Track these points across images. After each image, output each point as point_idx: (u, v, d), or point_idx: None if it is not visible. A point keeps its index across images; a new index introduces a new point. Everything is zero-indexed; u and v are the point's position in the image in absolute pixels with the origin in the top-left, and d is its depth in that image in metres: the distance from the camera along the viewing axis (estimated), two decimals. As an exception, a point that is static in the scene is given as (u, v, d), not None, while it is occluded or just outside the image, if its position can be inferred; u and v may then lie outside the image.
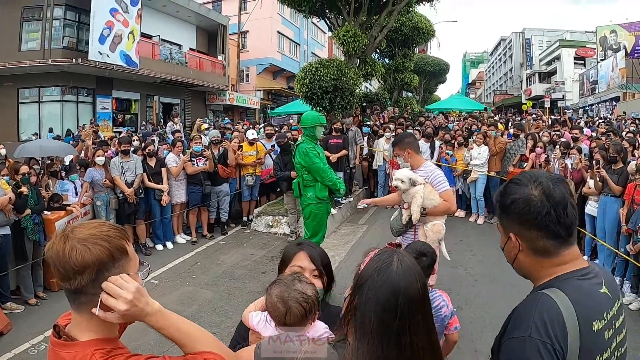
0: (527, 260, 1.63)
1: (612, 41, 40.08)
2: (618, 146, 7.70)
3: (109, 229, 1.51)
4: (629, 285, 6.68)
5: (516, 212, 1.58)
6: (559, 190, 1.55)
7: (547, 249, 1.57)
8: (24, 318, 6.29)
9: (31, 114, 22.29)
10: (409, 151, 4.87)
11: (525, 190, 1.57)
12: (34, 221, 6.75)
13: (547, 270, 1.60)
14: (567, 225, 1.55)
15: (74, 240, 1.43)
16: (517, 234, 1.60)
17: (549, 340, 1.41)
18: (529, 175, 1.62)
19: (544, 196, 1.53)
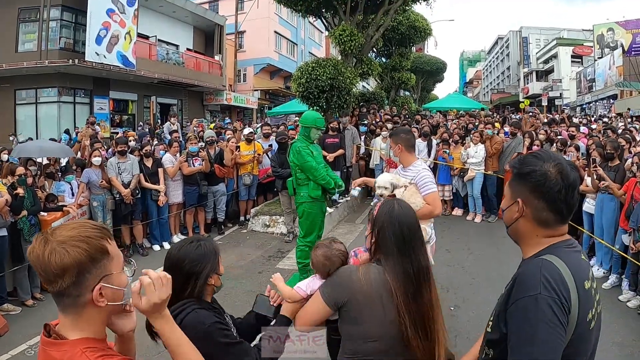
0: (525, 226, 1.81)
1: (609, 39, 40.14)
2: (614, 143, 7.72)
3: (88, 230, 1.51)
4: (627, 283, 6.68)
5: (532, 181, 1.74)
6: (574, 175, 1.72)
7: (547, 221, 1.75)
8: (20, 319, 6.27)
9: (28, 115, 22.25)
10: (400, 146, 4.81)
11: (544, 165, 1.72)
12: (31, 222, 6.74)
13: (540, 239, 1.79)
14: (570, 206, 1.74)
15: (53, 243, 1.43)
16: (525, 200, 1.77)
17: (556, 295, 1.59)
18: (549, 154, 1.80)
19: (559, 175, 1.70)
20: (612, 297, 6.70)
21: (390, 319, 2.29)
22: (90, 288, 1.47)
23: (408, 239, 2.37)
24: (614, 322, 5.93)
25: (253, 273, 7.69)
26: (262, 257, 8.56)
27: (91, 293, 1.47)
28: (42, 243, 1.44)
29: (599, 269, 7.50)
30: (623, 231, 6.88)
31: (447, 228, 10.20)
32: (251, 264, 8.18)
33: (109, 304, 1.53)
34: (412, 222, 2.44)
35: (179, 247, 2.39)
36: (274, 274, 2.74)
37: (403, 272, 2.32)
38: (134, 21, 22.53)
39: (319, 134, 6.39)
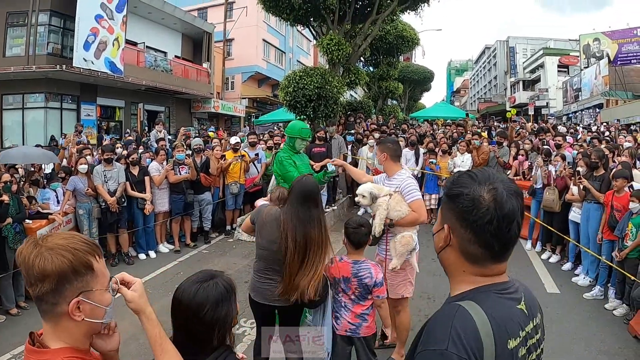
0: (452, 258, 1.55)
1: (595, 49, 40.57)
2: (600, 152, 7.81)
3: (78, 242, 1.52)
4: (614, 291, 6.75)
5: (459, 206, 1.47)
6: (511, 204, 1.43)
7: (474, 256, 1.48)
8: (5, 329, 6.22)
9: (15, 120, 22.05)
10: (385, 155, 4.79)
11: (477, 189, 1.45)
12: (15, 230, 6.67)
13: (468, 277, 1.52)
14: (504, 242, 1.45)
15: (42, 248, 1.46)
16: (452, 228, 1.51)
17: (465, 355, 1.33)
18: (489, 174, 1.50)
19: (493, 203, 1.41)
20: (598, 306, 6.76)
21: (273, 239, 3.82)
22: (68, 299, 1.47)
23: (304, 198, 3.77)
24: (601, 330, 6.00)
25: (240, 282, 7.57)
26: (249, 267, 8.42)
27: (68, 305, 1.47)
28: (31, 246, 1.47)
29: (585, 277, 7.58)
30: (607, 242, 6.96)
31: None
32: (238, 274, 8.12)
33: (87, 320, 1.52)
34: (309, 189, 3.81)
35: (194, 291, 2.09)
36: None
37: (296, 216, 3.73)
38: (123, 27, 22.44)
39: (305, 144, 6.38)
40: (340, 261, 4.05)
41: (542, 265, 8.58)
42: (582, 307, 6.79)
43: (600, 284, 7.13)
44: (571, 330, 6.00)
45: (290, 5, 13.20)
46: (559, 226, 8.52)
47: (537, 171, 9.23)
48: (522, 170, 10.25)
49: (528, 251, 9.43)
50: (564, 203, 8.40)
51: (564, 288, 7.48)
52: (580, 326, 6.13)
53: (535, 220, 9.32)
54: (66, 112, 22.87)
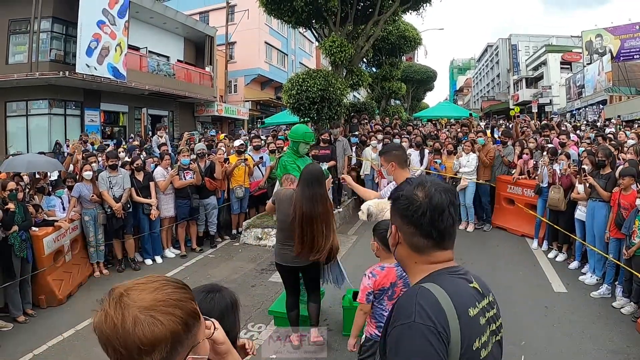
0: (403, 253, 1.77)
1: (597, 45, 40.45)
2: (606, 151, 7.77)
3: (175, 290, 1.23)
4: (621, 289, 6.72)
5: (400, 206, 1.72)
6: (439, 197, 1.66)
7: (419, 246, 1.69)
8: (12, 336, 6.20)
9: (19, 127, 22.12)
10: (393, 164, 4.47)
11: (411, 189, 1.70)
12: (22, 238, 6.65)
13: (420, 266, 1.73)
14: (439, 230, 1.66)
15: (134, 308, 1.15)
16: (399, 227, 1.74)
17: (431, 323, 1.48)
18: (421, 180, 1.77)
19: (425, 198, 1.66)
20: (606, 304, 6.74)
21: (288, 213, 4.86)
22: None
23: (309, 178, 4.79)
24: (609, 329, 5.98)
25: (246, 287, 7.63)
26: (255, 271, 8.51)
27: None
28: (118, 308, 1.16)
29: (592, 276, 7.55)
30: (614, 240, 6.94)
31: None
32: (244, 278, 8.13)
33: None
34: (314, 173, 4.89)
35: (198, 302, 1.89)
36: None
37: (303, 194, 4.73)
38: (125, 33, 22.50)
39: (308, 147, 6.40)
40: (383, 270, 3.96)
41: (548, 264, 8.54)
42: (589, 305, 6.76)
43: (607, 282, 7.11)
44: (579, 329, 5.98)
45: (292, 7, 13.20)
46: (565, 225, 8.50)
47: (543, 170, 9.21)
48: (527, 169, 10.22)
49: (534, 250, 9.40)
50: (569, 202, 8.38)
51: (571, 287, 7.46)
52: (588, 325, 6.10)
53: (542, 219, 9.29)
54: (70, 118, 22.95)
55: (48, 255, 7.20)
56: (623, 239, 6.65)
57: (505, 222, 10.74)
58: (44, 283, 7.12)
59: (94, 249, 8.37)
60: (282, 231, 5.06)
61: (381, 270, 3.96)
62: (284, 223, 4.97)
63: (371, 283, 3.90)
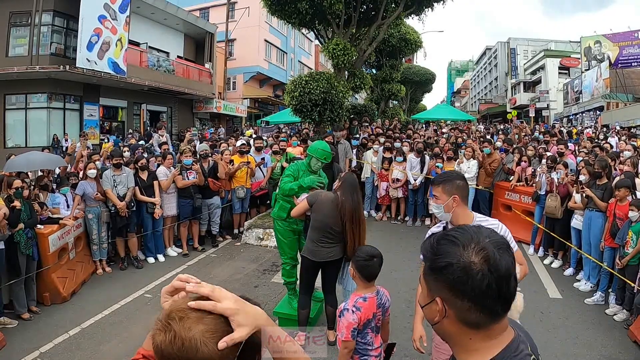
0: (452, 329, 1.38)
1: (596, 51, 40.62)
2: (603, 162, 7.89)
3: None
4: (614, 297, 6.86)
5: (450, 278, 1.32)
6: (505, 262, 1.31)
7: (478, 323, 1.33)
8: (18, 333, 6.24)
9: (17, 120, 22.19)
10: (456, 197, 3.38)
11: (464, 255, 1.31)
12: (27, 235, 6.71)
13: (477, 344, 1.38)
14: (506, 300, 1.33)
15: (197, 332, 1.19)
16: (446, 301, 1.35)
17: None
18: (470, 236, 1.36)
19: (486, 265, 1.29)
20: (599, 311, 6.87)
21: (329, 215, 5.12)
22: None
23: (353, 188, 5.09)
24: (602, 335, 6.11)
25: (249, 287, 7.72)
26: (257, 271, 8.58)
27: None
28: (183, 329, 1.19)
29: (587, 283, 7.67)
30: (609, 249, 7.07)
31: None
32: (247, 278, 8.19)
33: None
34: (355, 183, 5.27)
35: None
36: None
37: (353, 200, 5.01)
38: (126, 28, 22.56)
39: (319, 165, 6.43)
40: (366, 301, 3.65)
41: (544, 270, 8.66)
42: (583, 312, 6.88)
43: (601, 289, 7.23)
44: (573, 335, 6.10)
45: (296, 9, 13.25)
46: (561, 232, 8.62)
47: (542, 177, 9.33)
48: (525, 176, 10.33)
49: (530, 256, 9.49)
50: (566, 210, 8.51)
51: (565, 293, 7.57)
52: (582, 331, 6.23)
53: (538, 226, 9.42)
54: (69, 112, 23.06)
55: (53, 253, 7.25)
56: (617, 248, 6.78)
57: (502, 228, 10.85)
58: (49, 280, 7.17)
59: (97, 247, 8.43)
60: (318, 230, 5.27)
61: (364, 302, 3.64)
62: (322, 223, 5.20)
63: (356, 318, 3.56)
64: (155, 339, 1.22)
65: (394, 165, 11.73)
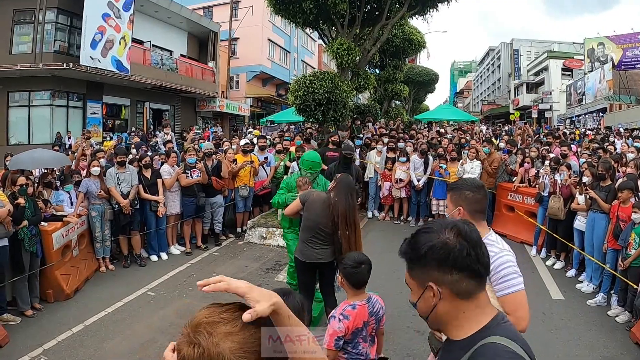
0: (447, 308, 1.53)
1: (599, 53, 40.50)
2: (606, 164, 7.88)
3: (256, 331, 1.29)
4: (616, 298, 6.87)
5: (435, 258, 1.50)
6: (475, 233, 1.55)
7: (469, 291, 1.51)
8: (21, 330, 6.26)
9: (20, 117, 22.20)
10: (460, 209, 3.03)
11: (440, 236, 1.52)
12: (32, 233, 6.72)
13: (469, 315, 1.54)
14: (485, 264, 1.53)
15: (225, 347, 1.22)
16: (438, 281, 1.51)
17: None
18: (438, 223, 1.59)
19: (460, 238, 1.50)
20: (601, 313, 6.88)
21: (320, 214, 5.03)
22: None
23: (348, 190, 4.94)
24: (604, 336, 6.12)
25: (252, 286, 7.70)
26: (260, 270, 8.61)
27: None
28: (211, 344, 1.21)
29: (589, 284, 7.68)
30: (611, 251, 7.08)
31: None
32: (250, 277, 8.17)
33: None
34: (352, 185, 5.10)
35: None
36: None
37: (347, 201, 4.88)
38: (130, 26, 22.59)
39: (310, 176, 6.47)
40: (355, 308, 3.50)
41: (546, 272, 8.67)
42: (585, 313, 6.90)
43: (603, 291, 7.24)
44: (575, 336, 6.12)
45: (300, 9, 13.26)
46: (564, 233, 8.63)
47: (545, 179, 9.34)
48: (528, 178, 10.33)
49: (533, 257, 9.51)
50: (568, 211, 8.52)
51: (568, 294, 7.58)
52: (583, 332, 6.25)
53: (541, 227, 9.42)
54: (72, 109, 23.05)
55: (57, 250, 7.28)
56: (620, 250, 6.80)
57: (504, 229, 10.84)
58: (52, 277, 7.20)
59: (101, 245, 8.45)
60: (308, 230, 5.19)
61: (353, 310, 3.49)
62: (312, 222, 5.12)
63: (342, 327, 3.40)
64: (181, 350, 1.24)
65: (397, 165, 11.75)
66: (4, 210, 6.20)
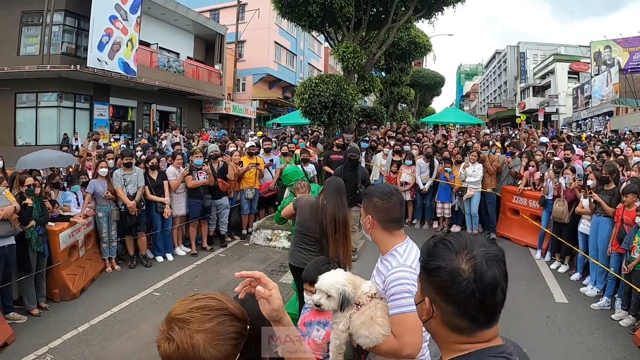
0: (438, 329, 1.42)
1: (606, 56, 40.34)
2: (611, 167, 7.87)
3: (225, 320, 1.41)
4: (620, 302, 6.87)
5: (437, 280, 1.36)
6: (492, 273, 1.32)
7: (460, 328, 1.36)
8: (27, 329, 6.32)
9: (28, 118, 22.30)
10: (369, 218, 2.80)
11: (455, 260, 1.34)
12: (39, 233, 6.79)
13: (458, 346, 1.40)
14: (489, 310, 1.34)
15: (199, 339, 1.33)
16: (433, 301, 1.39)
17: None
18: (464, 243, 1.38)
19: (472, 274, 1.31)
20: (605, 316, 6.86)
21: (308, 219, 4.97)
22: None
23: (336, 192, 4.75)
24: (607, 339, 6.12)
25: (257, 287, 7.72)
26: (265, 271, 8.38)
27: None
28: (184, 338, 1.33)
29: (593, 288, 7.67)
30: (616, 254, 7.08)
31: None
32: (255, 279, 8.18)
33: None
34: (340, 185, 4.88)
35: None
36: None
37: (336, 204, 4.68)
38: (137, 28, 22.66)
39: (294, 185, 6.54)
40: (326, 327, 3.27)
41: (551, 275, 8.66)
42: (589, 316, 6.89)
43: (607, 294, 7.24)
44: (578, 339, 6.12)
45: (306, 12, 13.30)
46: (568, 237, 8.62)
47: (549, 182, 9.34)
48: (533, 181, 10.33)
49: (537, 260, 9.50)
50: (573, 215, 8.52)
51: (572, 298, 7.57)
52: (587, 335, 6.24)
53: (546, 230, 9.42)
54: (79, 111, 23.12)
55: (63, 250, 7.36)
56: (624, 254, 6.79)
57: (509, 232, 10.85)
58: (59, 277, 7.26)
59: (107, 245, 8.52)
60: (297, 234, 5.20)
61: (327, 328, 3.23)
62: (301, 227, 5.12)
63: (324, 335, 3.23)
64: (160, 348, 1.35)
65: (403, 168, 11.76)
66: (10, 208, 6.25)
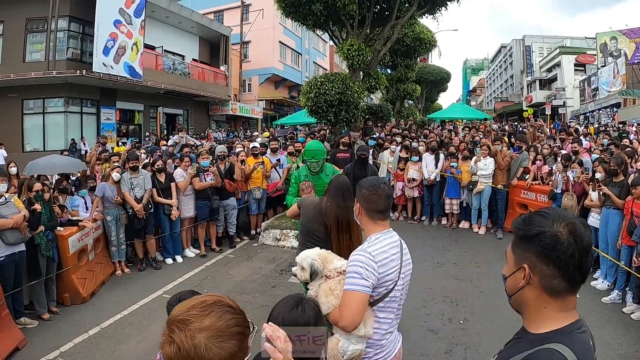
0: (532, 296, 1.55)
1: (612, 48, 40.15)
2: (619, 159, 7.82)
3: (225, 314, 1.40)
4: (632, 295, 6.82)
5: (540, 244, 1.49)
6: (588, 236, 1.49)
7: (558, 290, 1.50)
8: (38, 333, 6.33)
9: (35, 124, 22.43)
10: (359, 206, 3.08)
11: (554, 226, 1.48)
12: (48, 238, 6.80)
13: (549, 313, 1.54)
14: (584, 271, 1.49)
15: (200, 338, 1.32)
16: (532, 266, 1.52)
17: None
18: (559, 212, 1.54)
19: (572, 237, 1.46)
20: (616, 310, 6.83)
21: (312, 219, 4.78)
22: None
23: (340, 191, 4.43)
24: (618, 334, 6.08)
25: (267, 287, 7.77)
26: (275, 271, 8.63)
27: None
28: (186, 339, 1.31)
29: (604, 281, 7.63)
30: (626, 247, 7.03)
31: (454, 241, 10.33)
32: (265, 278, 8.23)
33: None
34: (343, 184, 4.49)
35: (281, 315, 2.15)
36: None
37: (339, 205, 4.37)
38: (141, 32, 22.74)
39: (316, 165, 6.48)
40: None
41: (561, 269, 8.60)
42: (600, 310, 6.86)
43: (618, 288, 7.21)
44: (590, 334, 6.08)
45: (310, 11, 13.31)
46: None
47: (557, 176, 9.30)
48: (541, 175, 10.29)
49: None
50: (582, 208, 8.48)
51: (582, 291, 7.41)
52: (598, 329, 6.16)
53: (554, 224, 9.36)
54: (86, 116, 23.25)
55: (73, 254, 7.37)
56: (635, 246, 6.74)
57: (518, 227, 10.80)
58: (69, 281, 7.28)
59: (116, 248, 8.55)
60: (303, 234, 5.12)
61: None
62: (305, 227, 5.03)
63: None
64: (164, 351, 1.34)
65: (410, 164, 11.75)
66: (20, 217, 6.27)
